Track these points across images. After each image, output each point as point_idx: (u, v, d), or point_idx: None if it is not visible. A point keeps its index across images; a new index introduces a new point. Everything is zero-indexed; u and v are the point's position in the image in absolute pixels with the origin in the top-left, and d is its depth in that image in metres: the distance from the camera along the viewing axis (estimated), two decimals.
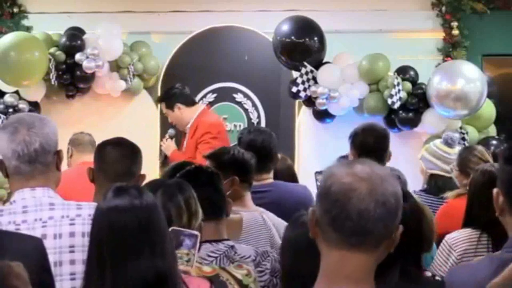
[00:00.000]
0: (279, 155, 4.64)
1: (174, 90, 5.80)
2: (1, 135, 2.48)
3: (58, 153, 2.55)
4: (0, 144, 2.48)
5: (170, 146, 5.85)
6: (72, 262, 2.40)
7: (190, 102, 5.80)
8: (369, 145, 3.88)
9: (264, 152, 3.72)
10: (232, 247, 2.67)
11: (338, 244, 1.60)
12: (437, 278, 2.99)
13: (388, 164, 4.05)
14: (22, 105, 6.09)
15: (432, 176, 4.18)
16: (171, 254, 2.02)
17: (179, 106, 5.72)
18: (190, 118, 5.70)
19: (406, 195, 2.54)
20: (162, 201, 2.28)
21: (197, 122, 5.68)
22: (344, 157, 4.80)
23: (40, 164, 2.47)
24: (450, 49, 6.44)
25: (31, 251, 2.16)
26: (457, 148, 4.19)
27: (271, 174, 3.83)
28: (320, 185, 1.65)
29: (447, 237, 3.20)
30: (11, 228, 2.38)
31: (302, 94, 6.03)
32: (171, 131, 5.92)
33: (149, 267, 1.94)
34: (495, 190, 2.06)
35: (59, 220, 2.43)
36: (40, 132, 2.46)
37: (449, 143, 4.15)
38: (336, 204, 1.58)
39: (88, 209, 2.47)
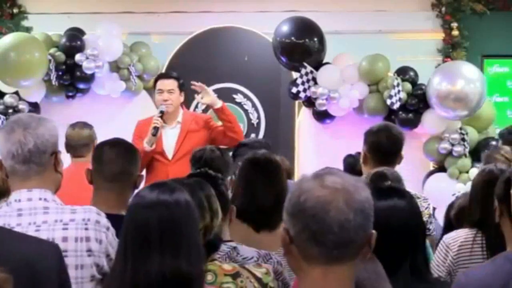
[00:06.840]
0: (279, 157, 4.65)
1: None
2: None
3: (55, 155, 2.51)
4: None
5: None
6: None
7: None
8: (381, 145, 3.87)
9: None
10: (235, 248, 2.68)
11: (320, 259, 1.59)
12: (442, 279, 3.00)
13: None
14: (22, 106, 6.07)
15: None
16: (198, 258, 2.01)
17: (183, 94, 5.71)
18: (178, 112, 5.65)
19: (404, 193, 2.56)
20: None
21: (192, 116, 5.73)
22: (352, 156, 4.80)
23: (35, 164, 2.45)
24: (450, 49, 6.44)
25: (50, 255, 2.17)
26: None
27: None
28: (291, 202, 1.61)
29: (445, 237, 3.21)
30: None
31: (302, 94, 6.02)
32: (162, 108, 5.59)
33: (172, 267, 1.94)
34: None
35: (53, 224, 2.42)
36: (35, 132, 2.44)
37: None
38: (315, 219, 1.57)
39: (83, 213, 2.47)
